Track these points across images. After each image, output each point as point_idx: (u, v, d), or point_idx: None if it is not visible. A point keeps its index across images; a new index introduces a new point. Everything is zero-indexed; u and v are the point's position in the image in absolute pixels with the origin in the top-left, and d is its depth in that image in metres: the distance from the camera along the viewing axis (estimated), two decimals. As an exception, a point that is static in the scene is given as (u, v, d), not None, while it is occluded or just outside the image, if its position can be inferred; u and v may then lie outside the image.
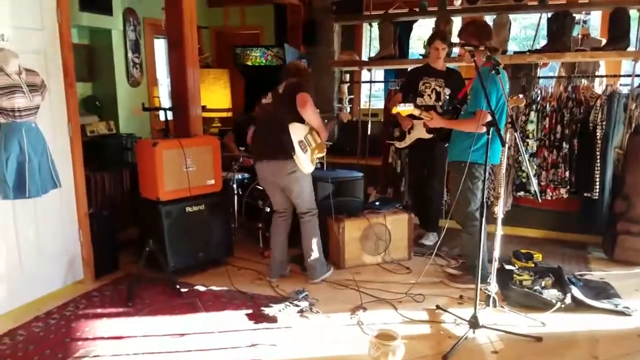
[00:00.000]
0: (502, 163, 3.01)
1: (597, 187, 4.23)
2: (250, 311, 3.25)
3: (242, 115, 5.30)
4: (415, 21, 5.30)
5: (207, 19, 6.42)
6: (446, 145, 3.75)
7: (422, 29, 5.64)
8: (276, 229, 3.74)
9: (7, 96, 2.96)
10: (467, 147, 3.17)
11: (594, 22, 5.60)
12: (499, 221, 3.02)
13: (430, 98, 4.21)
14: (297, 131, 3.46)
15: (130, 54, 5.26)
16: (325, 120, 3.80)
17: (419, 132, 4.16)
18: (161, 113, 4.25)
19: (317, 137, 3.62)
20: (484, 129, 2.86)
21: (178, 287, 3.54)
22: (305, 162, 3.50)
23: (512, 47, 4.87)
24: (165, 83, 5.62)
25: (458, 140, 3.43)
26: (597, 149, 4.20)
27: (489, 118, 2.87)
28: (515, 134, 2.97)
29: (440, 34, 4.22)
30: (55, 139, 3.40)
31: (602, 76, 4.68)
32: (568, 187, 4.39)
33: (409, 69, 4.53)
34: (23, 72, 3.08)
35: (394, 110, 3.36)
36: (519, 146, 3.00)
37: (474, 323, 2.89)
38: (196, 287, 3.64)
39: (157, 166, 3.63)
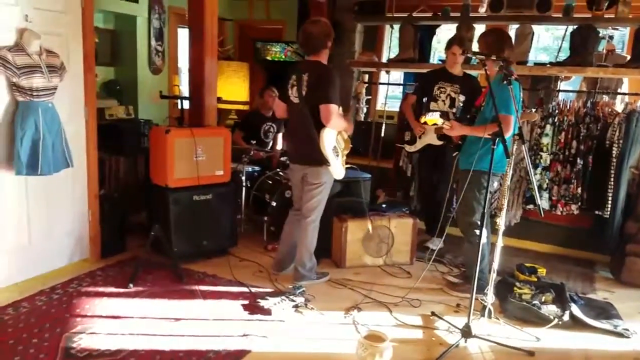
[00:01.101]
0: (507, 174, 2.99)
1: (609, 205, 4.14)
2: (246, 302, 3.30)
3: (254, 112, 5.30)
4: (438, 26, 5.26)
5: (232, 11, 6.48)
6: (455, 154, 3.71)
7: (446, 33, 5.59)
8: (288, 224, 3.74)
9: (26, 75, 3.06)
10: (482, 155, 3.16)
11: (625, 37, 5.47)
12: (500, 232, 3.00)
13: (445, 104, 4.19)
14: (329, 138, 3.37)
15: (153, 42, 5.35)
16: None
17: (430, 138, 4.15)
18: (179, 101, 4.33)
19: (343, 134, 3.57)
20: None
21: (180, 273, 3.61)
22: (338, 168, 3.47)
23: (543, 57, 4.80)
24: (187, 72, 5.71)
25: (472, 149, 3.40)
26: (612, 168, 4.12)
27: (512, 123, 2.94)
28: (523, 146, 2.93)
29: (458, 39, 4.18)
30: (71, 120, 3.49)
31: (622, 94, 4.58)
32: (579, 203, 4.31)
33: (425, 72, 4.49)
34: (44, 53, 3.18)
35: (422, 120, 3.32)
36: (526, 158, 2.97)
37: (466, 332, 2.89)
38: (197, 275, 3.70)
39: (168, 153, 3.70)
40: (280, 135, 5.25)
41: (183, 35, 5.86)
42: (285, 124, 4.98)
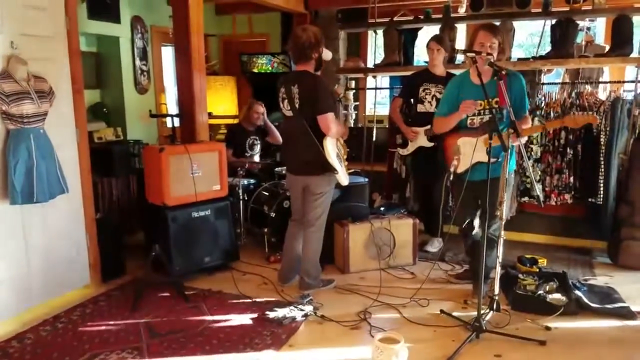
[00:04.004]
0: (505, 168, 3.02)
1: (602, 192, 4.23)
2: (255, 315, 3.28)
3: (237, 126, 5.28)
4: (420, 28, 5.34)
5: (215, 26, 6.49)
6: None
7: (428, 36, 5.67)
8: (289, 235, 3.73)
9: (15, 103, 3.02)
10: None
11: (599, 28, 5.61)
12: (501, 226, 3.02)
13: (431, 105, 4.24)
14: (331, 147, 3.38)
15: (137, 62, 5.32)
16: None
17: (421, 140, 4.20)
18: (168, 119, 4.31)
19: (340, 140, 3.59)
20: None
21: (184, 291, 3.57)
22: (343, 174, 3.49)
23: (518, 53, 4.88)
24: (172, 90, 5.70)
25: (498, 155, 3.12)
26: (601, 155, 4.22)
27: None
28: (519, 139, 2.97)
29: (435, 36, 4.24)
30: (63, 145, 3.44)
31: (605, 82, 4.70)
32: (572, 192, 4.39)
33: (409, 75, 4.55)
34: (31, 79, 3.14)
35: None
36: (522, 152, 3.02)
37: (477, 327, 2.91)
38: (202, 292, 3.67)
39: (164, 172, 3.68)
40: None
41: (167, 53, 5.85)
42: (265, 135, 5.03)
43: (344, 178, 3.52)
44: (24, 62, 3.10)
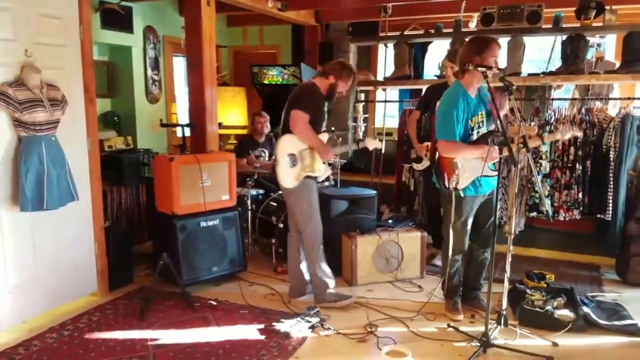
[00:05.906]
0: (514, 183, 3.02)
1: (610, 208, 4.21)
2: (261, 326, 3.27)
3: (247, 137, 5.36)
4: (431, 43, 5.38)
5: (226, 38, 6.55)
6: None
7: (438, 50, 5.70)
8: (290, 248, 3.73)
9: (28, 110, 3.05)
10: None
11: (609, 45, 5.62)
12: (510, 240, 3.01)
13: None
14: (287, 142, 3.40)
15: (149, 71, 5.37)
16: (337, 139, 3.76)
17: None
18: (178, 129, 4.34)
19: (316, 155, 3.48)
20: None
21: (191, 300, 3.57)
22: (286, 176, 3.43)
23: (528, 68, 4.89)
24: (183, 100, 5.74)
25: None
26: (611, 171, 4.20)
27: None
28: (528, 154, 2.97)
29: (448, 53, 4.24)
30: (74, 153, 3.47)
31: (615, 99, 4.69)
32: (581, 208, 4.37)
33: (426, 87, 4.55)
34: (45, 87, 3.18)
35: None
36: (531, 167, 3.01)
37: (485, 342, 2.90)
38: (209, 301, 3.67)
39: (174, 181, 3.70)
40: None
41: (178, 63, 5.90)
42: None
43: (284, 180, 3.44)
44: (37, 70, 3.14)
